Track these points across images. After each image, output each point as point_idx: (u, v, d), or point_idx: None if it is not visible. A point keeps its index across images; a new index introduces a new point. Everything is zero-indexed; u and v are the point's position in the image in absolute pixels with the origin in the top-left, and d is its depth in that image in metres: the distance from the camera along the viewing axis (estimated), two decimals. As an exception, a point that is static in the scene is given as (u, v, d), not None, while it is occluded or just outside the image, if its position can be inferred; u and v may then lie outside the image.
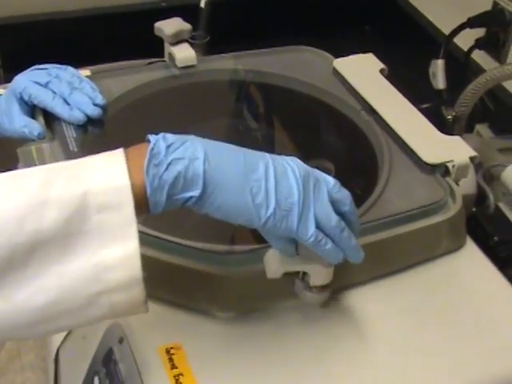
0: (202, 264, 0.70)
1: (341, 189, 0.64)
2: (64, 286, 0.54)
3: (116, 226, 0.54)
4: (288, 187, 0.60)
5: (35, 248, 0.53)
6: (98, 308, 0.56)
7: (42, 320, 0.55)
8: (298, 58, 1.02)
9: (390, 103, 0.91)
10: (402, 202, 0.78)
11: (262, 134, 0.95)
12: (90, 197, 0.54)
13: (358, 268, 0.73)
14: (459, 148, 0.84)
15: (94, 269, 0.54)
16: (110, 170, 0.55)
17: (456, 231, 0.80)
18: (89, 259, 0.54)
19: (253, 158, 0.61)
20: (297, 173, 0.61)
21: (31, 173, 0.55)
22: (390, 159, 0.84)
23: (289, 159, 0.62)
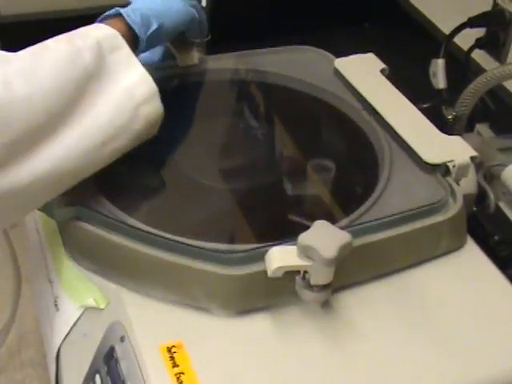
0: (204, 262, 0.71)
1: None
2: (112, 107, 0.74)
3: (124, 60, 0.76)
4: None
5: (88, 80, 0.72)
6: (138, 121, 0.76)
7: (107, 139, 0.73)
8: (300, 58, 1.03)
9: (390, 103, 0.91)
10: (402, 201, 0.79)
11: (262, 132, 0.95)
12: (102, 42, 0.74)
13: (358, 267, 0.74)
14: (460, 148, 0.84)
15: (126, 90, 0.75)
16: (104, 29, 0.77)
17: (456, 231, 0.80)
18: (120, 84, 0.75)
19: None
20: None
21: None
22: (391, 159, 0.85)
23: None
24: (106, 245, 0.74)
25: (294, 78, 0.98)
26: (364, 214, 0.77)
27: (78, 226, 0.75)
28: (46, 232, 0.83)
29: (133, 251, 0.72)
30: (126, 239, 0.73)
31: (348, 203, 0.82)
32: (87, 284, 0.76)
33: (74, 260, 0.77)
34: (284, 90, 0.98)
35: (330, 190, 0.87)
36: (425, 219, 0.77)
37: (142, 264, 0.73)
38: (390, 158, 0.85)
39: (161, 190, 0.84)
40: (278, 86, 0.99)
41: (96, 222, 0.75)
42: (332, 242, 0.67)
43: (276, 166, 0.90)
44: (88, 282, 0.76)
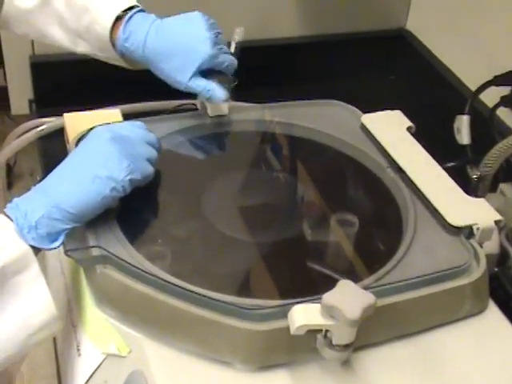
0: (227, 317, 0.71)
1: None
2: (3, 337, 0.72)
3: (29, 282, 0.73)
4: None
5: None
6: (29, 348, 0.74)
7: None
8: (327, 112, 1.04)
9: (416, 162, 0.92)
10: (425, 262, 0.79)
11: (288, 185, 0.96)
12: (7, 268, 0.71)
13: (380, 327, 0.75)
14: (484, 211, 0.85)
15: (23, 319, 0.72)
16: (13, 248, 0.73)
17: (479, 294, 0.80)
18: (17, 313, 0.72)
19: None
20: None
21: None
22: (415, 218, 0.85)
23: None
24: (130, 293, 0.75)
25: (321, 132, 0.99)
26: (388, 273, 0.78)
27: (103, 272, 0.76)
28: (71, 275, 0.84)
29: (157, 301, 0.73)
30: (151, 289, 0.74)
31: (372, 260, 0.83)
32: (110, 330, 0.76)
33: (99, 306, 0.78)
34: (311, 143, 0.99)
35: (354, 246, 0.87)
36: (448, 282, 0.78)
37: (165, 314, 0.73)
38: (414, 217, 0.85)
39: (186, 240, 0.85)
40: (305, 139, 1.00)
41: (121, 270, 0.76)
42: (356, 302, 0.68)
43: (301, 219, 0.90)
44: (111, 329, 0.76)
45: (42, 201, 0.75)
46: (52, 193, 0.76)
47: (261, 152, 1.01)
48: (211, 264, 0.82)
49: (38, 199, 0.76)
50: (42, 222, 0.74)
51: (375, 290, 0.72)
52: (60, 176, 0.79)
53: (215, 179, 0.93)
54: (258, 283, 0.81)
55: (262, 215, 0.90)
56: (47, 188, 0.77)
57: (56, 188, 0.77)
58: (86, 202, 0.76)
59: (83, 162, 0.79)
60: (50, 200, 0.75)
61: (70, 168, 0.79)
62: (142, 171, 0.80)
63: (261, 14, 1.45)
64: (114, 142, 0.79)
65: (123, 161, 0.78)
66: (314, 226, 0.90)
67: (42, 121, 1.16)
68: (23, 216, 0.74)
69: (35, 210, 0.74)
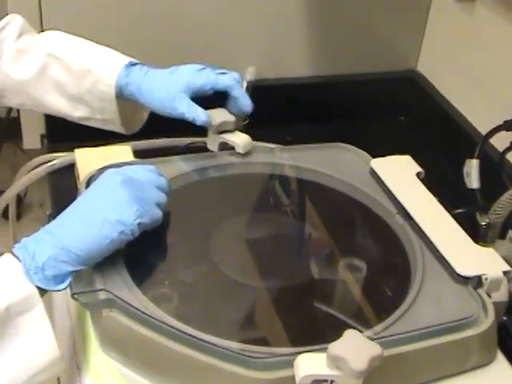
0: (233, 364, 0.71)
1: None
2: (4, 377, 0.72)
3: (34, 323, 0.73)
4: None
5: None
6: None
7: None
8: (336, 155, 1.04)
9: (425, 209, 0.92)
10: (433, 312, 0.79)
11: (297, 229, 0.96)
12: (11, 309, 0.71)
13: (386, 378, 0.74)
14: (493, 261, 0.85)
15: (25, 361, 0.72)
16: (19, 289, 0.73)
17: (487, 345, 0.80)
18: (21, 354, 0.72)
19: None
20: None
21: None
22: (423, 266, 0.85)
23: None
24: (135, 337, 0.75)
25: (331, 176, 1.00)
26: (395, 322, 0.78)
27: (109, 316, 0.76)
28: (77, 317, 0.84)
29: (162, 346, 0.73)
30: (156, 333, 0.74)
31: (379, 308, 0.83)
32: (115, 374, 0.76)
33: (104, 349, 0.78)
34: (320, 187, 1.00)
35: (362, 292, 0.87)
36: (455, 333, 0.77)
37: (170, 360, 0.73)
38: (422, 265, 0.85)
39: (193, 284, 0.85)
40: (314, 183, 1.00)
41: (127, 314, 0.75)
42: (362, 353, 0.67)
43: (309, 264, 0.90)
44: (116, 373, 0.76)
45: (50, 242, 0.76)
46: (60, 234, 0.76)
47: (270, 195, 1.01)
48: (217, 309, 0.82)
49: (46, 240, 0.76)
50: (49, 263, 0.74)
51: (382, 341, 0.72)
52: (69, 217, 0.79)
53: (224, 222, 0.93)
54: (264, 330, 0.81)
55: (269, 260, 0.90)
56: (55, 229, 0.77)
57: (64, 230, 0.77)
58: (94, 244, 0.76)
59: (93, 204, 0.80)
60: (57, 242, 0.76)
61: (79, 210, 0.80)
62: (151, 216, 0.81)
63: (272, 54, 1.45)
64: (124, 185, 0.80)
65: (133, 205, 0.78)
66: (321, 271, 0.90)
67: (53, 156, 1.17)
68: (31, 257, 0.74)
69: (43, 251, 0.75)
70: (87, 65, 1.00)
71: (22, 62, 1.02)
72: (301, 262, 0.91)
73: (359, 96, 1.48)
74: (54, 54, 1.01)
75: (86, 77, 1.00)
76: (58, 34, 1.05)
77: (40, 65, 1.01)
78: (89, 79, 1.00)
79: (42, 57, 1.02)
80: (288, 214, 0.98)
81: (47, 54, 1.02)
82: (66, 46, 1.03)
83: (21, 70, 1.02)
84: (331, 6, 1.44)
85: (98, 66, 1.00)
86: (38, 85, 1.02)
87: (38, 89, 1.03)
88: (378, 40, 1.50)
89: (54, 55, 1.01)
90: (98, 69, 1.00)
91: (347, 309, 0.85)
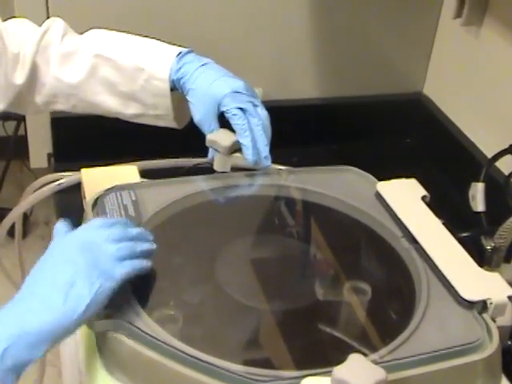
0: (237, 386, 0.71)
1: None
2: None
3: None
4: None
5: None
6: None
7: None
8: (342, 178, 1.04)
9: (430, 233, 0.92)
10: (438, 337, 0.79)
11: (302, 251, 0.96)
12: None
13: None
14: (498, 285, 0.84)
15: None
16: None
17: (491, 370, 0.79)
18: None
19: None
20: None
21: None
22: (428, 290, 0.85)
23: None
24: (140, 359, 0.75)
25: (336, 199, 1.00)
26: (399, 346, 0.77)
27: (114, 338, 0.76)
28: (82, 339, 0.84)
29: (166, 369, 0.73)
30: (160, 355, 0.74)
31: (383, 330, 0.82)
32: (119, 396, 0.76)
33: (109, 371, 0.77)
34: (325, 209, 1.00)
35: (365, 315, 0.87)
36: (460, 358, 0.77)
37: (175, 382, 0.73)
38: (427, 289, 0.85)
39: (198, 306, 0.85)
40: (320, 206, 1.00)
41: (132, 336, 0.76)
42: (366, 377, 0.67)
43: (313, 287, 0.90)
44: (120, 395, 0.76)
45: (11, 325, 0.69)
46: (19, 315, 0.70)
47: (275, 217, 1.01)
48: (222, 331, 0.82)
49: (8, 322, 0.69)
50: (8, 353, 0.67)
51: (386, 365, 0.72)
52: (28, 293, 0.72)
53: (229, 243, 0.93)
54: (269, 352, 0.81)
55: (274, 282, 0.90)
56: (16, 307, 0.71)
57: (23, 309, 0.71)
58: (59, 325, 0.70)
59: (50, 279, 0.73)
60: (17, 324, 0.69)
61: (38, 284, 0.73)
62: (117, 277, 0.76)
63: (280, 76, 1.47)
64: (80, 254, 0.75)
65: (92, 274, 0.74)
66: (326, 293, 0.90)
67: (59, 175, 1.17)
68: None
69: (1, 338, 0.67)
70: (138, 62, 1.01)
71: (70, 65, 1.02)
72: (306, 285, 0.91)
73: (366, 118, 1.49)
74: (102, 55, 1.02)
75: (138, 75, 1.01)
76: (102, 33, 1.05)
77: (89, 66, 1.02)
78: (142, 77, 1.00)
79: (90, 58, 1.02)
80: (294, 236, 0.98)
81: (95, 55, 1.02)
82: (112, 44, 1.03)
83: (70, 73, 1.02)
84: (339, 29, 1.46)
85: (149, 63, 1.00)
86: (89, 87, 1.03)
87: (89, 91, 1.03)
88: (384, 63, 1.51)
89: (102, 55, 1.02)
90: (149, 65, 1.00)
91: (352, 332, 0.84)
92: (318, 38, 1.46)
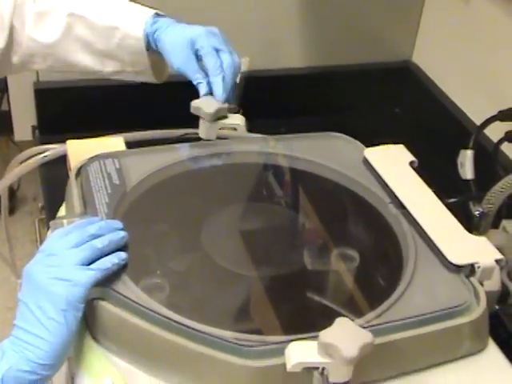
0: (223, 352, 0.70)
1: None
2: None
3: None
4: None
5: None
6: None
7: None
8: (329, 145, 1.04)
9: (418, 198, 0.92)
10: (425, 300, 0.79)
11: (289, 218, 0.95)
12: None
13: (378, 365, 0.74)
14: (485, 249, 0.84)
15: None
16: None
17: (479, 333, 0.79)
18: None
19: None
20: None
21: None
22: (416, 255, 0.85)
23: None
24: (126, 327, 0.74)
25: (323, 166, 0.99)
26: (387, 310, 0.77)
27: (101, 306, 0.75)
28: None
29: (153, 336, 0.73)
30: (147, 323, 0.73)
31: (371, 296, 0.82)
32: (106, 364, 0.76)
33: (95, 339, 0.77)
34: (312, 176, 0.99)
35: (353, 281, 0.87)
36: (447, 321, 0.77)
37: (161, 349, 0.73)
38: (414, 254, 0.85)
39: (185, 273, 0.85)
40: (307, 173, 1.00)
41: (118, 304, 0.75)
42: (353, 341, 0.67)
43: (301, 254, 0.90)
44: (107, 362, 0.76)
45: (14, 345, 0.70)
46: (21, 337, 0.71)
47: (261, 185, 1.01)
48: (209, 298, 0.81)
49: (14, 343, 0.70)
50: (9, 374, 0.69)
51: (373, 328, 0.72)
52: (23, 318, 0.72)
53: (216, 212, 0.92)
54: (257, 319, 0.81)
55: (262, 249, 0.90)
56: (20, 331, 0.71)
57: (24, 330, 0.71)
58: (56, 346, 0.71)
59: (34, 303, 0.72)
60: (18, 346, 0.70)
61: (31, 309, 0.72)
62: (85, 284, 0.73)
63: (267, 45, 1.45)
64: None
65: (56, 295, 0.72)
66: (313, 260, 0.89)
67: (45, 147, 1.16)
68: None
69: (6, 359, 0.69)
70: (112, 21, 1.00)
71: (45, 24, 1.01)
72: (293, 252, 0.91)
73: (354, 87, 1.47)
74: (76, 14, 1.00)
75: (113, 33, 1.00)
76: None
77: (64, 26, 1.00)
78: (117, 35, 0.99)
79: (65, 17, 1.00)
80: (281, 203, 0.98)
81: (69, 14, 1.00)
82: (86, 3, 1.01)
83: (45, 33, 1.01)
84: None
85: (123, 21, 0.99)
86: (65, 46, 1.01)
87: (65, 50, 1.02)
88: (372, 31, 1.50)
89: (76, 14, 1.00)
90: (124, 24, 0.99)
91: (339, 298, 0.84)
92: (305, 7, 1.44)
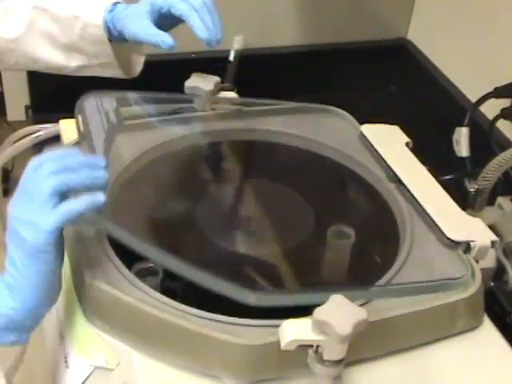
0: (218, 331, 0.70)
1: None
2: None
3: None
4: None
5: None
6: None
7: None
8: (325, 120, 1.03)
9: (414, 176, 0.91)
10: (422, 276, 0.78)
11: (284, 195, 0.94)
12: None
13: (373, 343, 0.73)
14: (481, 230, 0.84)
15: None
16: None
17: (474, 310, 0.79)
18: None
19: None
20: None
21: None
22: (412, 231, 0.84)
23: None
24: (119, 305, 0.74)
25: (318, 142, 0.98)
26: (383, 288, 0.77)
27: (92, 284, 0.75)
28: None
29: (145, 314, 0.72)
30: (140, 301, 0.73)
31: (367, 273, 0.82)
32: (99, 343, 0.75)
33: (88, 318, 0.77)
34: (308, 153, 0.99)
35: (350, 258, 0.87)
36: (443, 296, 0.76)
37: (154, 327, 0.72)
38: (410, 230, 0.84)
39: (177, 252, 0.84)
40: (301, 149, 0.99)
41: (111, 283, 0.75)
42: (348, 318, 0.66)
43: (296, 231, 0.89)
44: (100, 341, 0.75)
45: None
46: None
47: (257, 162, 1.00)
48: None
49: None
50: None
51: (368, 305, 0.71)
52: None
53: (209, 189, 0.92)
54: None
55: (257, 226, 0.89)
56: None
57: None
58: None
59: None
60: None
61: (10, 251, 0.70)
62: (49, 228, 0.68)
63: (261, 23, 1.44)
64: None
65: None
66: (310, 237, 0.88)
67: (38, 127, 1.15)
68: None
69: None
70: (74, 10, 0.98)
71: (9, 19, 0.99)
72: (289, 229, 0.90)
73: (349, 65, 1.47)
74: (39, 6, 0.99)
75: (74, 23, 0.98)
76: None
77: (27, 19, 0.99)
78: (78, 25, 0.98)
79: (28, 10, 0.99)
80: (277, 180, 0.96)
81: (33, 7, 0.99)
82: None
83: (9, 27, 0.99)
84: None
85: (83, 10, 0.98)
86: (29, 40, 1.00)
87: (29, 44, 1.00)
88: (367, 8, 1.49)
89: (39, 7, 0.99)
90: (84, 12, 0.98)
91: (336, 275, 0.84)
92: (299, -16, 1.43)
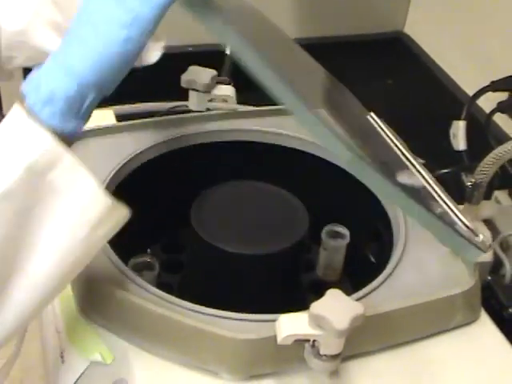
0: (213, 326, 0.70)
1: None
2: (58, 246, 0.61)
3: (66, 176, 0.60)
4: None
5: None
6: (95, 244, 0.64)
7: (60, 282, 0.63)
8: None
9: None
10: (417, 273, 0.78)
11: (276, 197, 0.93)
12: (33, 167, 0.58)
13: (369, 337, 0.73)
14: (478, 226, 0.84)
15: (74, 216, 0.61)
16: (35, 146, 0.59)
17: (471, 305, 0.79)
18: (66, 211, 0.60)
19: None
20: None
21: None
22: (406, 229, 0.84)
23: None
24: (115, 300, 0.73)
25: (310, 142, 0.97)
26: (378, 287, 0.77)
27: (89, 279, 0.75)
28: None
29: (142, 309, 0.72)
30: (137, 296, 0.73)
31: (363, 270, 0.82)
32: (94, 338, 0.75)
33: (83, 312, 0.77)
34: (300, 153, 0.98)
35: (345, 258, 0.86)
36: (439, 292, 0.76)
37: (151, 322, 0.72)
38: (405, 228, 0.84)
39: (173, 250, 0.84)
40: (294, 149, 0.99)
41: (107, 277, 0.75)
42: (344, 312, 0.66)
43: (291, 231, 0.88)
44: (95, 336, 0.75)
45: (55, 68, 0.61)
46: (61, 58, 0.62)
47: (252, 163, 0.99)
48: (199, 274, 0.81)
49: (51, 67, 0.61)
50: (58, 93, 0.60)
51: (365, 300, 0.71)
52: (68, 37, 0.63)
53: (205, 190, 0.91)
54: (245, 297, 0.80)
55: (251, 226, 0.88)
56: (58, 53, 0.62)
57: (64, 52, 0.62)
58: (99, 61, 0.60)
59: (83, 14, 0.63)
60: (61, 65, 0.61)
61: (73, 25, 0.63)
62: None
63: (257, 16, 1.43)
64: None
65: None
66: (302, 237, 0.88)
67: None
68: (36, 91, 0.60)
69: (49, 81, 0.60)
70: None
71: (13, 10, 0.91)
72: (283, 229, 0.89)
73: (345, 58, 1.46)
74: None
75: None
76: None
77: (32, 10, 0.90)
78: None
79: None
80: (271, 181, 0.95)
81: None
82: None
83: (15, 19, 0.89)
84: (316, -33, 1.43)
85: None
86: (36, 31, 0.85)
87: (36, 36, 0.85)
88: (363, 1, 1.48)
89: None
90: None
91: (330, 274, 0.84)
92: (296, -23, 1.43)
